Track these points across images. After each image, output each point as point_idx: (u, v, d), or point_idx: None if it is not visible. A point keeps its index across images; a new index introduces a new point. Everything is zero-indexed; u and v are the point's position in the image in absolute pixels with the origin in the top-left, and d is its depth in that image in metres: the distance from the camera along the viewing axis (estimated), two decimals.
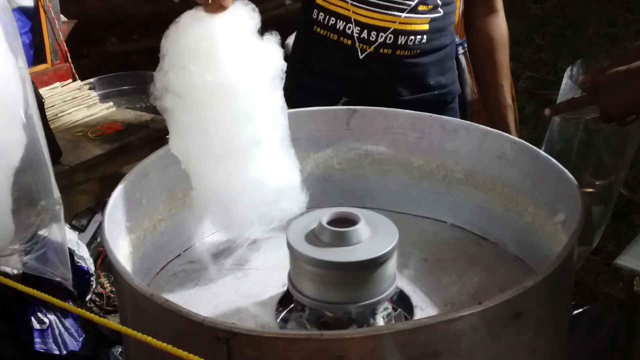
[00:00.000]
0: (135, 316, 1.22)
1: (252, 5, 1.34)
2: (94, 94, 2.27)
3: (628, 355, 1.67)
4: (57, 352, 1.78)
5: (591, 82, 1.35)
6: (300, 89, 1.74)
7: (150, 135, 2.00)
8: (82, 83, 2.31)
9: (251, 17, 1.33)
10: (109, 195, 1.36)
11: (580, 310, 1.84)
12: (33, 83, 1.38)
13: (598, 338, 1.77)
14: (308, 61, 1.86)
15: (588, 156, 1.50)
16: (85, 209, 2.06)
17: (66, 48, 2.29)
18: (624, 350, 1.67)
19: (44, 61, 2.27)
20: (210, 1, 1.28)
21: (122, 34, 4.01)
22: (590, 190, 1.51)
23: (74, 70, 2.32)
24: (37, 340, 1.79)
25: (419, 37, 1.74)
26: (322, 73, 1.82)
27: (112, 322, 1.06)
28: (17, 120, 1.23)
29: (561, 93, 1.48)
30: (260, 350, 1.05)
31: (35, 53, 2.25)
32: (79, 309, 1.04)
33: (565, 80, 1.49)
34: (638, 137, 1.56)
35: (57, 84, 2.28)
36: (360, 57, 1.75)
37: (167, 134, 2.05)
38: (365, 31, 1.73)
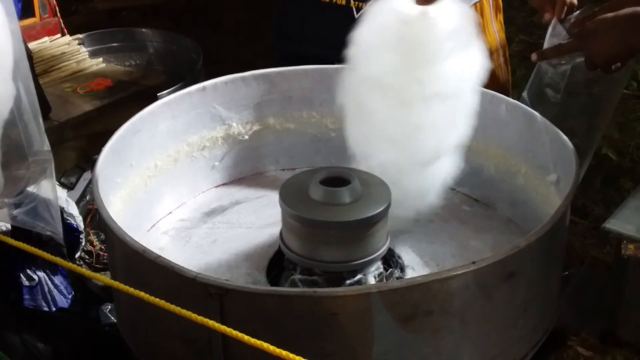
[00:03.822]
0: (126, 273, 1.21)
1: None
2: (83, 49, 2.23)
3: (614, 318, 1.69)
4: (46, 309, 1.78)
5: (579, 28, 1.34)
6: (286, 59, 1.70)
7: (140, 92, 1.98)
8: (71, 38, 2.26)
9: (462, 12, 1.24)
10: (98, 152, 1.35)
11: (567, 273, 1.85)
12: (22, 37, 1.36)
13: (584, 301, 1.79)
14: (295, 29, 1.82)
15: (573, 101, 1.49)
16: (74, 166, 2.05)
17: (55, 2, 2.25)
18: (610, 313, 1.69)
19: (32, 15, 2.22)
20: None
21: None
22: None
23: (62, 25, 2.28)
24: (26, 297, 1.79)
25: None
26: (312, 40, 1.79)
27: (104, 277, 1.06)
28: (6, 71, 1.20)
29: (548, 37, 1.47)
30: (253, 307, 1.05)
31: (23, 7, 2.20)
32: (70, 264, 1.03)
33: (553, 24, 1.46)
34: (622, 85, 1.55)
35: (46, 38, 2.24)
36: (356, 15, 1.73)
37: (158, 91, 2.04)
38: None
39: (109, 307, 1.78)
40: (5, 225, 1.65)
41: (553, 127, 1.35)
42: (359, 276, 1.25)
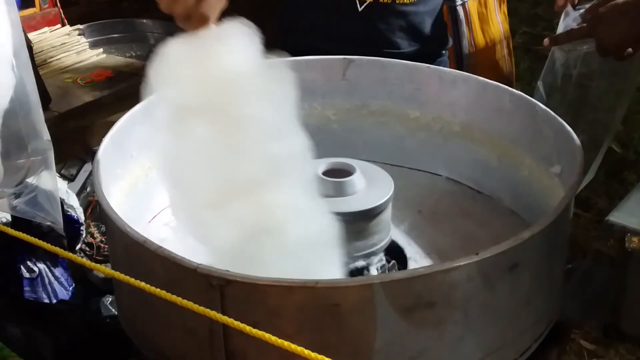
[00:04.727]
0: (127, 264, 1.21)
1: (251, 26, 1.11)
2: (83, 39, 2.22)
3: (617, 311, 1.68)
4: (46, 301, 1.78)
5: (592, 14, 1.33)
6: (289, 53, 1.69)
7: (141, 83, 1.97)
8: (71, 28, 2.26)
9: (250, 39, 1.11)
10: (99, 143, 1.34)
11: (570, 266, 1.85)
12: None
13: (587, 294, 1.78)
14: (298, 23, 1.82)
15: (587, 89, 1.49)
16: (74, 158, 2.04)
17: None
18: (613, 306, 1.68)
19: (32, 5, 2.22)
20: (188, 18, 1.06)
21: None
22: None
23: (63, 15, 2.27)
24: (26, 288, 1.78)
25: None
26: (315, 33, 1.78)
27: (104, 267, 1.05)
28: (5, 60, 1.20)
29: (561, 23, 1.46)
30: (255, 298, 1.04)
31: None
32: (70, 254, 1.02)
33: (567, 10, 1.45)
34: (635, 78, 1.54)
35: (46, 29, 2.23)
36: (360, 9, 1.72)
37: None
38: None
39: (110, 299, 1.77)
40: (5, 217, 1.64)
41: (557, 118, 1.34)
42: (361, 268, 1.25)
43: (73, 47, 2.18)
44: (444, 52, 1.87)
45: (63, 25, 2.30)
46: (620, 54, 1.30)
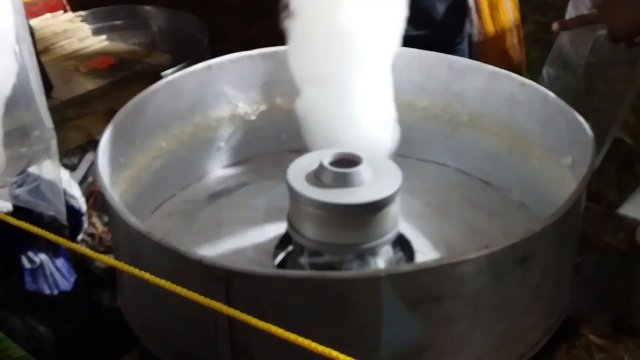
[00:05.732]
0: (130, 255, 1.19)
1: None
2: (86, 26, 2.20)
3: (627, 305, 1.67)
4: (48, 292, 1.77)
5: None
6: None
7: (144, 71, 1.95)
8: (73, 15, 2.24)
9: None
10: (101, 132, 1.32)
11: (580, 259, 1.83)
12: None
13: (597, 288, 1.77)
14: None
15: (596, 77, 1.46)
16: (76, 146, 2.03)
17: None
18: (622, 300, 1.67)
19: None
20: None
21: None
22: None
23: (65, 1, 2.26)
24: (27, 279, 1.77)
25: None
26: None
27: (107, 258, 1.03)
28: (8, 47, 1.18)
29: (570, 8, 1.44)
30: (260, 291, 1.03)
31: None
32: (73, 244, 1.01)
33: None
34: None
35: (48, 15, 2.21)
36: None
37: (162, 70, 2.01)
38: None
39: (112, 290, 1.76)
40: (6, 207, 1.63)
41: (569, 108, 1.32)
42: (368, 260, 1.23)
43: (75, 33, 2.16)
44: (457, 40, 1.83)
45: (65, 11, 2.29)
46: (631, 41, 1.28)
